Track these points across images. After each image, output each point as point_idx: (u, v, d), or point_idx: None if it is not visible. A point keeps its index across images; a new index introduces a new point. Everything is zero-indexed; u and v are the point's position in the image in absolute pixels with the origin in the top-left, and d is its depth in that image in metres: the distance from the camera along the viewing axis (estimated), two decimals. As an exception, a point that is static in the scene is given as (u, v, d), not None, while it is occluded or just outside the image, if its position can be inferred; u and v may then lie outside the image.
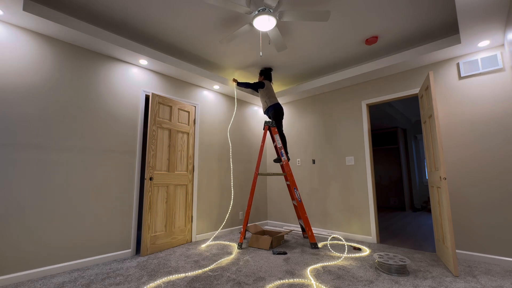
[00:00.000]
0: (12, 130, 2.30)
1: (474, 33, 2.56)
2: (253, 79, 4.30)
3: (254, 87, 3.78)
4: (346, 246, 3.29)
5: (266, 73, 3.86)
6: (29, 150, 2.38)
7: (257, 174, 3.36)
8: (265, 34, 2.95)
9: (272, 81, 4.33)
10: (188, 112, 3.77)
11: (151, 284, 2.17)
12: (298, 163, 4.54)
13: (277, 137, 3.58)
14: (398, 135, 7.01)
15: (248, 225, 4.48)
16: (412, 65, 3.32)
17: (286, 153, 3.58)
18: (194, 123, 3.85)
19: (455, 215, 2.92)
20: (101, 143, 2.84)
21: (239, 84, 3.82)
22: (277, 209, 4.79)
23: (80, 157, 2.68)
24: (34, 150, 2.41)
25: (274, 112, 3.69)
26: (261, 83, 3.75)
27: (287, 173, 3.45)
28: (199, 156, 3.87)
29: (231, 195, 4.26)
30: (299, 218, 3.81)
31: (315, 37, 3.01)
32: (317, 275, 2.37)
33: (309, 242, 3.20)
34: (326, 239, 3.72)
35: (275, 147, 3.70)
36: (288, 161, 3.62)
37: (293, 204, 3.80)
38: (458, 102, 3.01)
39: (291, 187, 3.40)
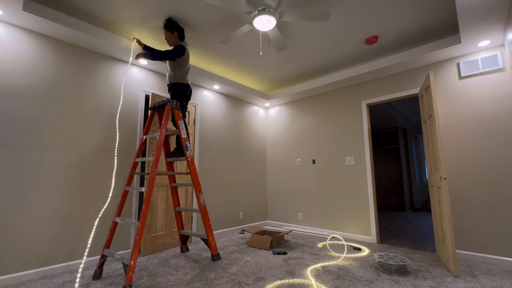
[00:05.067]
0: (11, 129, 2.30)
1: (474, 33, 2.56)
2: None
3: (171, 57, 2.65)
4: (346, 246, 3.29)
5: (181, 29, 2.74)
6: (28, 150, 2.37)
7: (155, 173, 2.35)
8: (265, 34, 2.94)
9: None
10: (188, 112, 3.77)
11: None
12: (298, 163, 4.54)
13: (181, 124, 2.75)
14: (398, 135, 7.00)
15: (248, 225, 4.48)
16: (412, 65, 3.31)
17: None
18: (194, 123, 3.85)
19: (455, 215, 2.92)
20: (101, 143, 2.84)
21: (145, 49, 2.91)
22: (277, 209, 4.79)
23: (81, 157, 2.68)
24: (34, 150, 2.40)
25: (177, 91, 2.84)
26: (181, 49, 2.68)
27: (191, 172, 2.76)
28: (199, 156, 3.86)
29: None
30: (181, 228, 3.06)
31: (315, 37, 3.01)
32: (317, 275, 2.36)
33: (211, 254, 2.75)
34: (325, 239, 3.71)
35: (179, 137, 2.92)
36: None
37: (176, 211, 3.04)
38: (458, 102, 3.01)
39: (195, 189, 2.73)
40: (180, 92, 2.83)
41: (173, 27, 2.68)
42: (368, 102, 3.78)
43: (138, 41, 2.91)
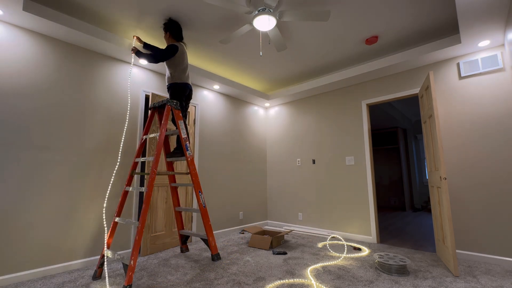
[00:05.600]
0: (11, 129, 2.30)
1: (474, 33, 2.56)
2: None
3: (166, 57, 2.66)
4: (346, 246, 3.28)
5: (174, 28, 2.69)
6: (28, 150, 2.37)
7: (155, 173, 2.38)
8: (265, 34, 2.94)
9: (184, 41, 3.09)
10: (188, 112, 3.77)
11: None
12: (298, 163, 4.54)
13: (181, 124, 2.75)
14: (398, 135, 7.00)
15: (248, 225, 4.48)
16: (412, 65, 3.31)
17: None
18: (194, 123, 3.85)
19: (455, 215, 2.92)
20: (101, 143, 2.84)
21: (145, 46, 2.87)
22: (277, 209, 4.79)
23: (81, 157, 2.68)
24: (34, 150, 2.40)
25: (175, 91, 2.83)
26: (174, 49, 2.69)
27: (191, 172, 2.76)
28: (199, 156, 3.86)
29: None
30: (181, 228, 3.06)
31: (315, 37, 3.01)
32: (317, 275, 2.36)
33: (211, 254, 2.77)
34: (325, 239, 3.71)
35: (179, 137, 2.93)
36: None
37: (176, 211, 3.05)
38: (458, 102, 3.01)
39: (195, 189, 2.74)
40: (178, 91, 2.82)
41: (166, 27, 2.69)
42: (368, 102, 3.78)
43: (138, 39, 2.86)
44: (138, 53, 2.64)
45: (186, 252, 3.10)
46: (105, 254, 2.20)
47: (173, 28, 2.68)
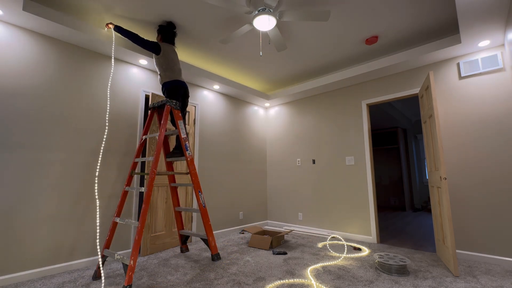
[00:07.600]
0: (11, 129, 2.30)
1: (474, 33, 2.56)
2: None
3: (143, 45, 2.65)
4: (346, 246, 3.28)
5: (165, 32, 2.75)
6: (28, 150, 2.37)
7: (155, 173, 2.38)
8: (265, 34, 2.94)
9: (176, 45, 3.18)
10: (188, 112, 3.77)
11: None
12: (298, 163, 4.54)
13: (181, 124, 2.75)
14: (398, 135, 7.00)
15: (248, 225, 4.48)
16: (412, 65, 3.31)
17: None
18: (194, 123, 3.85)
19: (455, 215, 2.92)
20: (101, 143, 2.84)
21: (119, 30, 2.59)
22: (277, 209, 4.79)
23: (80, 157, 2.68)
24: (33, 150, 2.40)
25: (168, 91, 2.81)
26: (156, 46, 2.70)
27: (191, 172, 2.77)
28: (199, 156, 3.86)
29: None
30: (181, 228, 3.07)
31: (315, 37, 3.01)
32: (317, 275, 2.36)
33: (211, 254, 2.76)
34: (325, 239, 3.71)
35: (178, 137, 2.94)
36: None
37: (176, 211, 3.06)
38: (458, 102, 3.01)
39: (195, 189, 2.75)
40: (171, 90, 2.80)
41: (158, 30, 2.77)
42: (368, 102, 3.78)
43: (112, 24, 2.60)
44: (118, 28, 2.58)
45: (186, 252, 3.10)
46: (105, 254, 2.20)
47: (164, 31, 2.75)
